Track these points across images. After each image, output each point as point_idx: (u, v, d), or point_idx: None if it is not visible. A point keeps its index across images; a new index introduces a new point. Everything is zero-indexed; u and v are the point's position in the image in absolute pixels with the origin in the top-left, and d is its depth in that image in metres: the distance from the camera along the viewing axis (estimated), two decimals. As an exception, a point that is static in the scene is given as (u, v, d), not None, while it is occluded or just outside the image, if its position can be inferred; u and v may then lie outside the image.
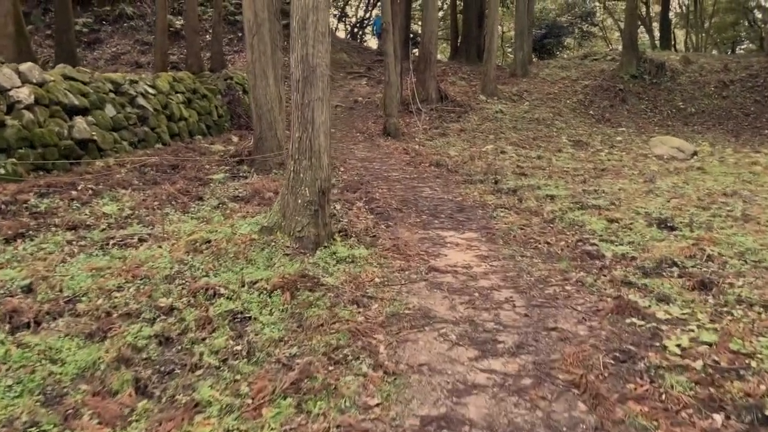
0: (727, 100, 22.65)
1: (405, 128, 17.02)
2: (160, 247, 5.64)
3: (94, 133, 9.57)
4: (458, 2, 30.61)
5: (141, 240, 5.89)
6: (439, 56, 33.69)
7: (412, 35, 30.78)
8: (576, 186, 9.78)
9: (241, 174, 9.63)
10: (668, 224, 7.10)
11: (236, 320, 4.12)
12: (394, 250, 5.84)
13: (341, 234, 6.18)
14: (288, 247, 5.44)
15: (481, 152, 14.01)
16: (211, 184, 8.96)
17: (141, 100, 11.34)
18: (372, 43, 33.94)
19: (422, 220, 7.40)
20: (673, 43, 34.18)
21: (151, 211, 7.15)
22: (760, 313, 4.30)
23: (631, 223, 7.15)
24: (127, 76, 11.56)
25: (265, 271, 4.94)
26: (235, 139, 13.94)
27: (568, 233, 6.79)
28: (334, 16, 38.00)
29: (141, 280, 4.80)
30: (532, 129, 18.19)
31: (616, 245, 6.26)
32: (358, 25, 36.51)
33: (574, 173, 11.28)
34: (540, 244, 6.32)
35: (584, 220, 7.26)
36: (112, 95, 10.57)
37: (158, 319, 4.11)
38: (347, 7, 38.12)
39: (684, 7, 36.90)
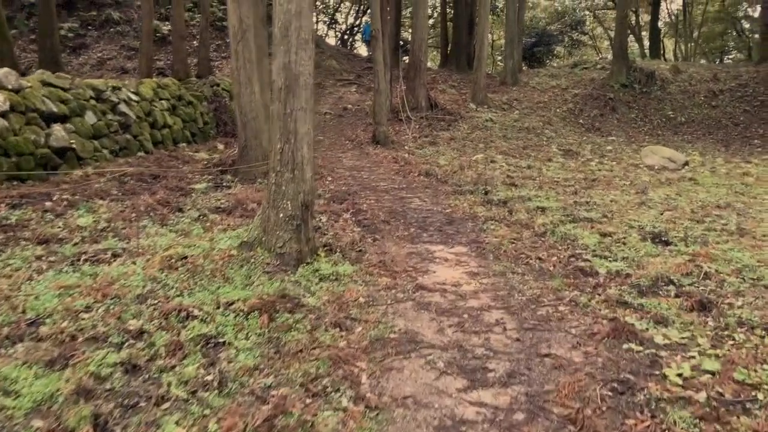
0: (716, 109, 22.64)
1: (395, 136, 16.81)
2: (134, 263, 5.37)
3: (72, 141, 9.28)
4: (448, 10, 30.53)
5: (114, 255, 5.62)
6: (429, 64, 33.59)
7: (402, 43, 30.65)
8: (567, 197, 9.59)
9: (224, 184, 9.37)
10: (662, 238, 6.91)
11: (209, 345, 3.86)
12: (381, 266, 5.61)
13: (326, 249, 5.94)
14: (268, 264, 5.18)
15: (471, 161, 13.82)
16: (193, 195, 8.69)
17: (123, 107, 11.06)
18: (362, 50, 33.78)
19: (410, 233, 7.16)
20: (662, 52, 34.26)
21: (128, 224, 6.87)
22: (763, 337, 4.09)
23: (625, 238, 6.95)
24: (109, 83, 11.29)
25: (243, 290, 4.68)
26: (220, 146, 13.67)
27: (560, 248, 6.58)
28: (324, 22, 37.86)
29: (111, 299, 4.53)
30: (522, 138, 18.04)
31: (610, 261, 6.06)
32: (348, 32, 36.36)
33: (564, 184, 11.10)
34: (531, 259, 6.10)
35: (576, 234, 7.05)
36: (93, 102, 10.29)
37: (126, 344, 3.84)
38: (337, 13, 38.00)
39: (673, 17, 37.05)
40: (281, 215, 5.26)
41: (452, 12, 28.47)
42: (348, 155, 14.39)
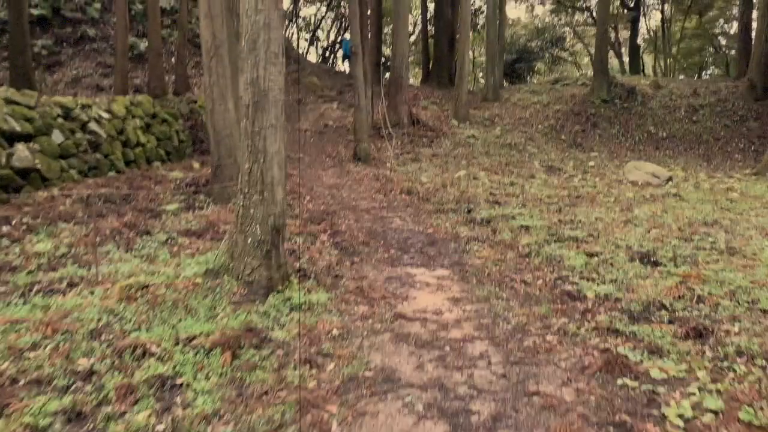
0: (697, 124, 22.69)
1: (376, 153, 16.54)
2: (91, 293, 4.99)
3: (37, 161, 8.87)
4: (429, 27, 30.49)
5: (71, 284, 5.23)
6: (411, 80, 33.50)
7: (384, 59, 30.54)
8: (551, 215, 9.33)
9: (197, 204, 9.00)
10: (651, 258, 6.66)
11: (165, 388, 3.50)
12: (358, 292, 5.27)
13: (299, 274, 5.60)
14: (235, 293, 4.83)
15: (454, 178, 13.57)
16: (163, 216, 8.31)
17: (93, 126, 10.66)
18: (345, 66, 33.64)
19: (390, 256, 6.85)
20: (641, 68, 34.49)
21: (91, 249, 6.47)
22: (764, 368, 3.81)
23: (612, 258, 6.69)
24: (79, 100, 10.88)
25: (206, 323, 4.32)
26: (196, 165, 13.29)
27: (545, 270, 6.30)
28: (305, 39, 37.71)
29: (62, 335, 4.15)
30: (504, 154, 17.86)
31: (598, 284, 5.78)
32: (329, 48, 36.23)
33: (548, 201, 10.86)
34: (516, 283, 5.80)
35: (562, 255, 6.78)
36: (60, 120, 9.88)
37: (72, 388, 3.47)
38: (318, 30, 37.89)
39: (652, 33, 37.39)
40: (250, 240, 4.92)
41: (433, 29, 28.43)
42: (328, 173, 14.08)
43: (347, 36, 35.36)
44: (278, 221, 5.02)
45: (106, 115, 11.29)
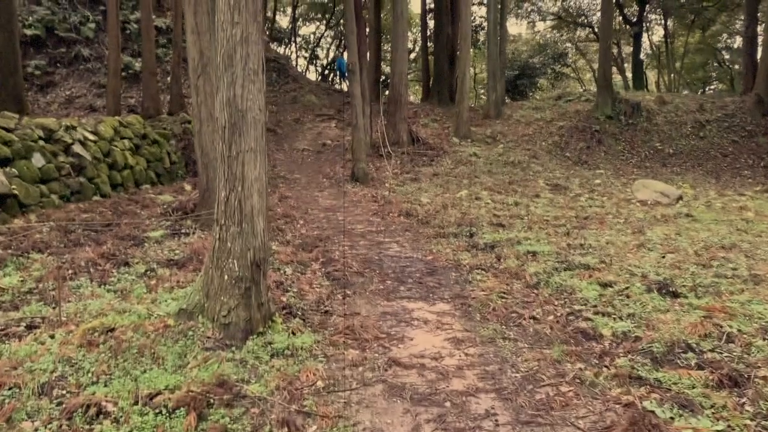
0: (704, 140, 22.19)
1: (375, 173, 16.08)
2: (51, 337, 4.46)
3: (14, 186, 8.41)
4: (429, 44, 30.20)
5: (30, 327, 4.71)
6: (411, 98, 33.16)
7: (383, 77, 30.23)
8: (559, 239, 8.81)
9: (182, 231, 8.50)
10: (669, 289, 6.11)
11: (114, 462, 2.97)
12: (348, 333, 4.74)
13: (285, 312, 5.07)
14: (209, 337, 4.30)
15: (455, 199, 13.08)
16: (146, 244, 7.81)
17: (77, 148, 10.21)
18: (344, 85, 33.32)
19: (386, 287, 6.31)
20: (645, 83, 34.14)
21: (61, 283, 5.96)
22: (817, 429, 3.27)
23: (628, 288, 6.15)
24: (63, 122, 10.45)
25: (173, 375, 3.79)
26: (188, 187, 12.82)
27: (556, 303, 5.76)
28: (305, 58, 37.50)
29: (8, 390, 3.63)
30: (507, 172, 17.39)
31: (615, 320, 5.24)
32: (328, 66, 35.96)
33: (555, 223, 10.34)
34: (525, 319, 5.26)
35: (573, 285, 6.24)
36: (41, 143, 9.44)
37: (6, 462, 2.94)
38: (318, 48, 37.67)
39: (655, 48, 37.07)
40: (226, 277, 4.40)
41: (433, 45, 28.12)
42: (324, 194, 13.59)
43: (338, 54, 35.19)
44: (259, 255, 4.51)
45: (92, 137, 10.85)
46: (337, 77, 30.97)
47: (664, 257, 7.72)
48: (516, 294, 6.04)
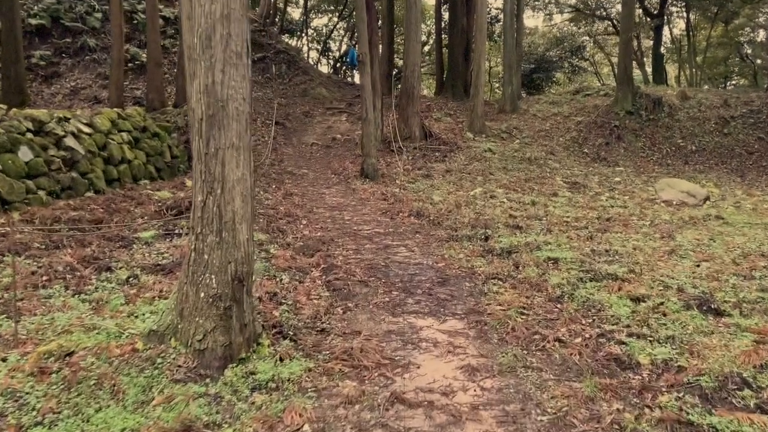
0: (728, 137, 21.33)
1: (385, 168, 15.42)
2: (3, 360, 3.87)
3: (-4, 181, 7.85)
4: (444, 36, 29.44)
5: (-19, 347, 4.12)
6: (425, 92, 32.43)
7: (396, 70, 29.53)
8: (582, 243, 8.12)
9: (176, 231, 7.90)
10: (710, 305, 5.43)
11: None
12: (345, 359, 4.10)
13: (274, 332, 4.44)
14: (181, 366, 3.68)
15: (469, 197, 12.40)
16: (135, 246, 7.22)
17: (70, 141, 9.64)
18: (356, 78, 32.62)
19: (392, 299, 5.67)
20: (665, 78, 33.14)
21: (32, 292, 5.38)
22: None
23: (663, 304, 5.46)
24: (55, 113, 9.89)
25: (131, 416, 3.18)
26: (189, 183, 12.22)
27: (583, 321, 5.09)
28: (317, 50, 36.84)
29: (-65, 432, 3.04)
30: (523, 169, 16.66)
31: (652, 344, 4.57)
32: (340, 59, 35.29)
33: (576, 225, 9.64)
34: (549, 342, 4.60)
35: (601, 300, 5.57)
36: (29, 136, 8.87)
37: None
38: (330, 41, 37.01)
39: (676, 42, 36.01)
40: (202, 295, 3.78)
41: (447, 38, 27.37)
42: (332, 191, 12.96)
43: (349, 44, 34.49)
44: (241, 269, 3.88)
45: (86, 129, 10.27)
46: (349, 69, 30.22)
47: (698, 266, 7.02)
48: (537, 309, 5.38)
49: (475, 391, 3.74)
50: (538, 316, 5.20)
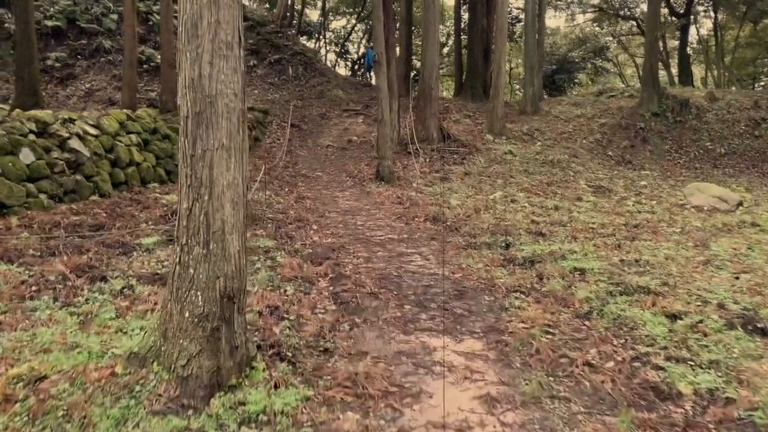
0: (760, 139, 20.53)
1: (401, 171, 14.98)
2: (-31, 384, 3.49)
3: (-6, 185, 7.54)
4: (463, 36, 28.95)
5: (-50, 368, 3.74)
6: (443, 93, 31.94)
7: (414, 72, 29.08)
8: (609, 252, 7.60)
9: (179, 237, 7.51)
10: (756, 324, 4.90)
11: None
12: (349, 386, 3.66)
13: (271, 353, 4.02)
14: (161, 394, 3.27)
15: (488, 201, 11.91)
16: (135, 253, 6.86)
17: (74, 143, 9.33)
18: (374, 80, 32.18)
19: (404, 315, 5.22)
20: (691, 79, 32.26)
21: (19, 304, 5.02)
22: None
23: (702, 322, 4.95)
24: (59, 114, 9.59)
25: (98, 457, 2.76)
26: (199, 186, 11.89)
27: (615, 342, 4.60)
28: (335, 52, 36.54)
29: None
30: (545, 172, 16.10)
31: (694, 369, 4.07)
32: (358, 61, 34.93)
33: (602, 232, 9.11)
34: (577, 366, 4.11)
35: (634, 317, 5.06)
36: (32, 137, 8.57)
37: None
38: (348, 42, 36.68)
39: (703, 42, 35.09)
40: (187, 314, 3.37)
41: (467, 38, 26.86)
42: (346, 194, 12.54)
43: (368, 45, 34.09)
44: (231, 285, 3.46)
45: (93, 131, 9.96)
46: (367, 71, 29.81)
47: (737, 278, 6.47)
48: (564, 327, 4.89)
49: (494, 427, 3.28)
50: (565, 336, 4.71)
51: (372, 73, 28.57)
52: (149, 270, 6.18)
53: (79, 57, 20.98)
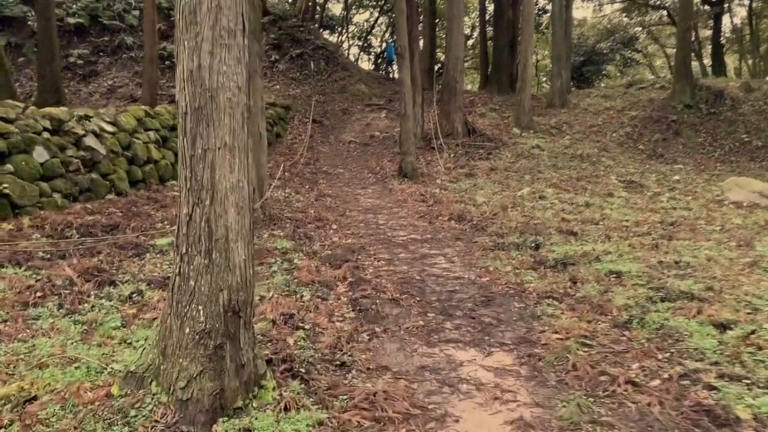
0: (799, 131, 19.68)
1: (425, 167, 14.59)
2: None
3: (6, 184, 7.35)
4: (488, 28, 28.37)
5: (-62, 385, 3.49)
6: (468, 86, 31.40)
7: (439, 65, 28.60)
8: (646, 253, 7.14)
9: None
10: (816, 335, 4.44)
11: None
12: (366, 408, 3.32)
13: (283, 368, 3.69)
14: (159, 421, 2.96)
15: (516, 198, 11.47)
16: (148, 255, 6.61)
17: (90, 141, 9.13)
18: (396, 74, 31.74)
19: (427, 323, 4.86)
20: (724, 69, 31.25)
21: (21, 312, 4.77)
22: None
23: (756, 333, 4.50)
24: (75, 111, 9.40)
25: (81, 497, 2.46)
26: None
27: (659, 356, 4.18)
28: (358, 46, 36.19)
29: None
30: (575, 167, 15.58)
31: (750, 389, 3.65)
32: (381, 55, 34.52)
33: (637, 230, 8.64)
34: (619, 384, 3.72)
35: (679, 327, 4.64)
36: (46, 135, 8.38)
37: None
38: (371, 36, 36.30)
39: (737, 31, 33.97)
40: (187, 330, 3.05)
41: (492, 30, 26.31)
42: (368, 192, 12.21)
43: (388, 39, 33.65)
44: (236, 297, 3.14)
45: (109, 128, 9.76)
46: (389, 65, 29.37)
47: (789, 282, 5.99)
48: (602, 338, 4.49)
49: (529, 459, 2.91)
50: (604, 348, 4.31)
51: (394, 67, 28.18)
52: (161, 273, 5.92)
53: (101, 54, 20.94)
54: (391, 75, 30.40)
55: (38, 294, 5.14)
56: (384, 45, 33.87)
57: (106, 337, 4.29)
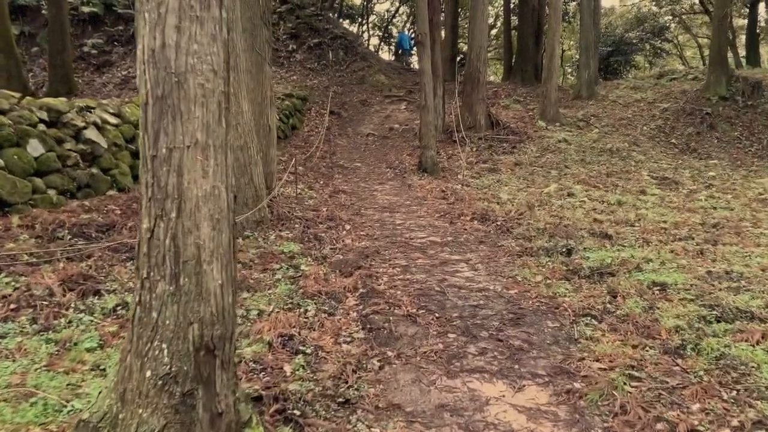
0: (843, 124, 18.62)
1: (446, 162, 13.92)
2: None
3: (-5, 180, 6.84)
4: (512, 17, 27.49)
5: None
6: (491, 77, 30.54)
7: (461, 55, 27.79)
8: (691, 261, 6.43)
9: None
10: None
11: None
12: (371, 466, 2.70)
13: (273, 410, 3.09)
14: (109, 490, 2.37)
15: (542, 195, 10.77)
16: (142, 259, 6.03)
17: (90, 133, 8.60)
18: (414, 64, 30.94)
19: (447, 346, 4.22)
20: (759, 60, 29.97)
21: (-12, 326, 4.23)
22: None
23: (836, 365, 3.80)
24: (76, 102, 8.88)
25: None
26: (228, 178, 11.09)
27: (723, 393, 3.51)
28: (378, 36, 35.47)
29: None
30: (604, 162, 14.79)
31: None
32: (397, 47, 33.71)
33: (676, 233, 7.91)
34: (680, 435, 3.06)
35: (741, 356, 3.95)
36: (42, 128, 7.85)
37: None
38: (391, 26, 35.54)
39: (772, 20, 32.62)
40: (149, 373, 2.45)
41: (517, 19, 25.43)
42: (386, 188, 11.57)
43: (399, 29, 32.89)
44: (211, 332, 2.53)
45: (113, 120, 9.24)
46: (404, 55, 28.54)
47: None
48: (652, 369, 3.82)
49: None
50: (655, 383, 3.65)
51: (411, 58, 27.41)
52: (152, 282, 5.34)
53: (115, 43, 20.54)
54: (411, 66, 29.63)
55: (11, 306, 4.60)
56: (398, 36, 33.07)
57: (76, 362, 3.73)
